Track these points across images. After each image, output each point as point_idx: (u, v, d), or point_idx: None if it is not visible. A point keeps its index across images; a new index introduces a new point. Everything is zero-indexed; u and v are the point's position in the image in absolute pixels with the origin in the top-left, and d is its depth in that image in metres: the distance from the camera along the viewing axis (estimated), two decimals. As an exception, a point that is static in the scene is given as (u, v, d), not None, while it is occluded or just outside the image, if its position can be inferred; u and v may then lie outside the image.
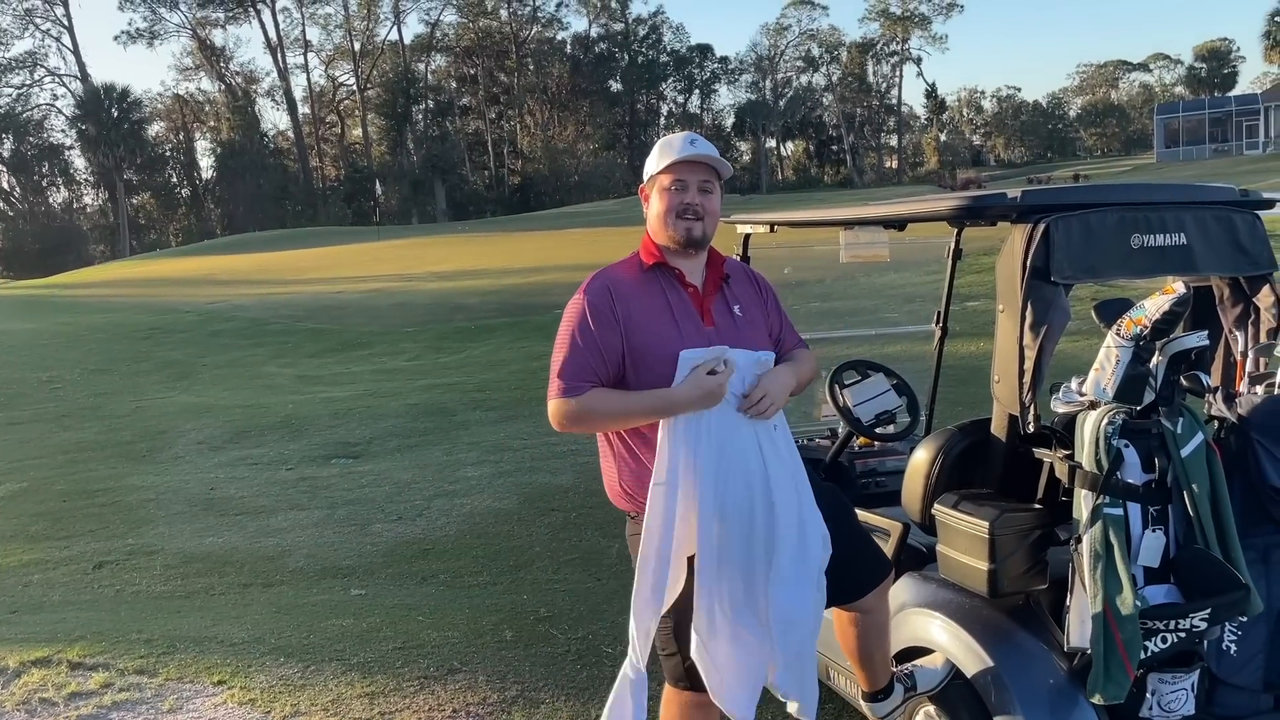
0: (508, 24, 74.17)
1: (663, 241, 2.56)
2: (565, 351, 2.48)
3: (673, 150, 2.53)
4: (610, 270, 2.57)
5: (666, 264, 2.56)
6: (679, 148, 2.53)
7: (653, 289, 2.53)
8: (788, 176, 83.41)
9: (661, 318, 2.49)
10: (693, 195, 2.52)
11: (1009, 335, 2.53)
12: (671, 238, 2.53)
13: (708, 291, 2.57)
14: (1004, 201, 2.57)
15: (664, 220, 2.53)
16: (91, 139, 63.31)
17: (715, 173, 2.55)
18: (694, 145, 2.52)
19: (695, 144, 2.53)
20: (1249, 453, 2.55)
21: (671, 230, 2.52)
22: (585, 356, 2.45)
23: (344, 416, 10.68)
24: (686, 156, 2.51)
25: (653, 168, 2.58)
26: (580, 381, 2.45)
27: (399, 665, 4.16)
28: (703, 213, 2.53)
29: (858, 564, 2.70)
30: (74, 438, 10.77)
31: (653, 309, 2.50)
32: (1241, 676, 2.55)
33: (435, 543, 6.34)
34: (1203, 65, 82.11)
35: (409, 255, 29.29)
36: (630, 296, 2.50)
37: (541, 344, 14.28)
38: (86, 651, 4.40)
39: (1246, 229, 2.73)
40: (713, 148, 2.57)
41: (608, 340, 2.45)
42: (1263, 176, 28.61)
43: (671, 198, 2.52)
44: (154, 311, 21.41)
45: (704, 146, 2.54)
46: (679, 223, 2.51)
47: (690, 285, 2.57)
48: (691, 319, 2.52)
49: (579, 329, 2.47)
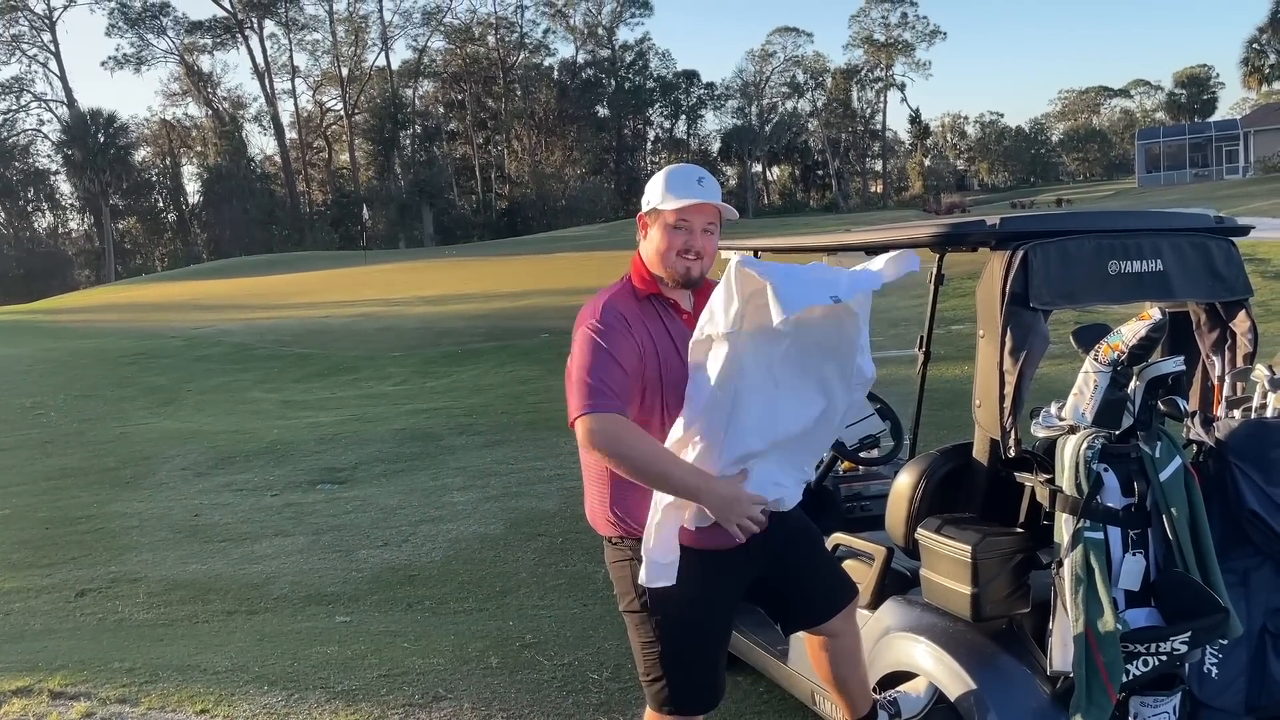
0: (495, 50, 74.53)
1: (658, 273, 2.57)
2: (589, 368, 2.39)
3: (680, 189, 2.51)
4: (611, 298, 2.54)
5: (661, 295, 2.57)
6: (687, 187, 2.51)
7: (652, 316, 2.54)
8: (774, 201, 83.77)
9: (665, 345, 2.51)
10: (696, 238, 2.52)
11: (989, 360, 2.56)
12: (669, 275, 2.54)
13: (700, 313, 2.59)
14: (983, 228, 2.60)
15: (663, 257, 2.53)
16: (77, 164, 63.15)
17: (719, 213, 2.56)
18: (702, 186, 2.52)
19: (704, 184, 2.53)
20: (1227, 476, 2.58)
21: (670, 269, 2.53)
22: (610, 369, 2.39)
23: (329, 442, 10.64)
24: (696, 201, 2.50)
25: (657, 200, 2.55)
26: (607, 393, 2.36)
27: (383, 693, 4.14)
28: (703, 254, 2.54)
29: (825, 587, 2.72)
30: (57, 464, 10.69)
31: (657, 335, 2.51)
32: (1223, 699, 2.57)
33: (421, 569, 6.32)
34: (1183, 91, 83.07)
35: (396, 280, 29.28)
36: (635, 323, 2.50)
37: (528, 368, 14.29)
38: (68, 680, 4.36)
39: (1222, 255, 2.77)
40: (717, 186, 2.58)
41: (628, 357, 2.42)
42: (1243, 201, 28.93)
43: (674, 237, 2.51)
44: (139, 337, 21.33)
45: (711, 187, 2.54)
46: (679, 261, 2.52)
47: (685, 312, 2.59)
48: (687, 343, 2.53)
49: (599, 348, 2.41)
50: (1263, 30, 52.86)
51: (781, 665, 3.45)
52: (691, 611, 2.55)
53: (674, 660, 2.55)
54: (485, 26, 74.27)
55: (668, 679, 2.55)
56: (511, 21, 75.01)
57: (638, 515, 2.52)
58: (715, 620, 2.62)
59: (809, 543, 2.73)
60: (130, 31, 68.28)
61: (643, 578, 2.38)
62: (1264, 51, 53.08)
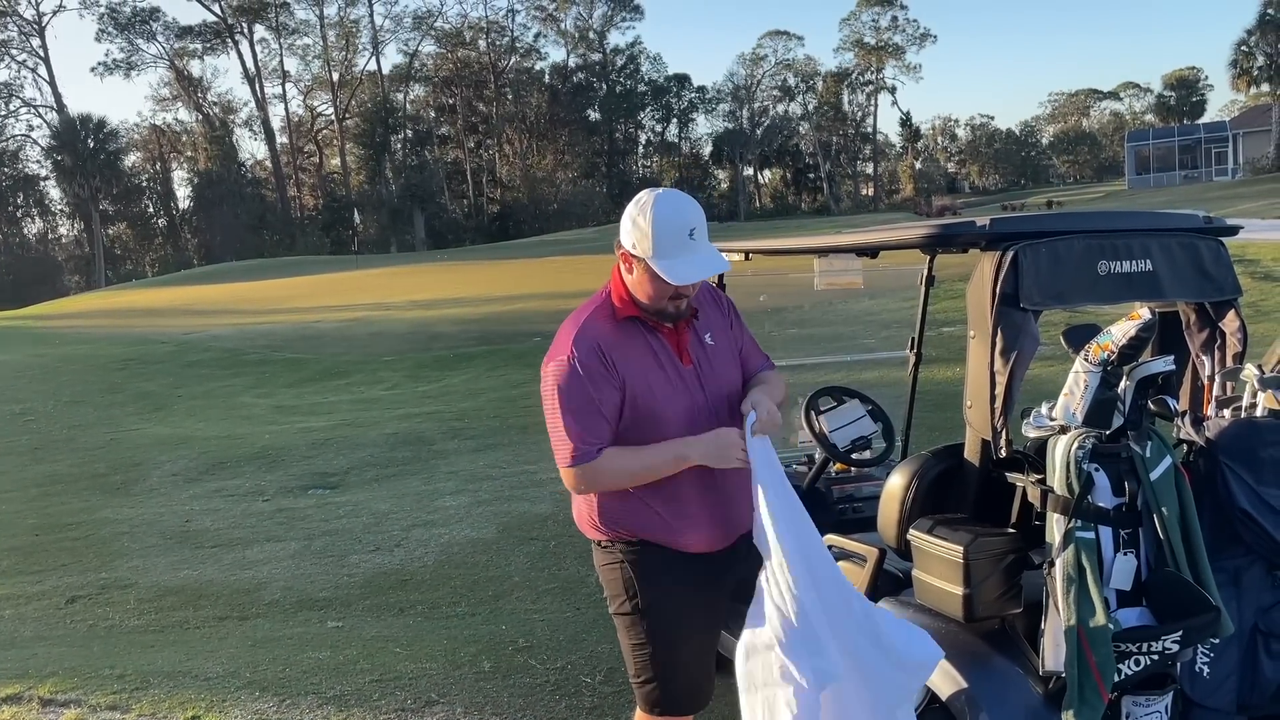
0: (486, 54, 74.53)
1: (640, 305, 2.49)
2: (568, 416, 2.40)
3: (672, 248, 2.36)
4: (587, 324, 2.47)
5: (640, 316, 2.52)
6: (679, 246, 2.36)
7: (633, 336, 2.50)
8: (765, 204, 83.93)
9: (648, 365, 2.48)
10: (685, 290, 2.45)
11: (980, 361, 2.56)
12: (655, 314, 2.48)
13: (681, 329, 2.55)
14: (973, 230, 2.61)
15: (651, 300, 2.45)
16: (67, 169, 62.92)
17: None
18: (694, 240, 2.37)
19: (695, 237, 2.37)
20: (1217, 476, 2.58)
21: (657, 311, 2.47)
22: (590, 419, 2.40)
23: (321, 447, 10.61)
24: (693, 281, 2.40)
25: (646, 252, 2.38)
26: (590, 445, 2.40)
27: (376, 698, 4.12)
28: (689, 298, 2.48)
29: None
30: (47, 470, 10.65)
31: (639, 358, 2.47)
32: (1215, 698, 2.57)
33: (413, 573, 6.30)
34: (1172, 93, 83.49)
35: (387, 284, 29.22)
36: (616, 348, 2.45)
37: (520, 372, 14.26)
38: (58, 687, 4.34)
39: (1211, 255, 2.77)
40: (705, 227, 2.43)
41: (607, 399, 2.42)
42: (1232, 203, 29.06)
43: (664, 288, 2.42)
44: (129, 342, 21.24)
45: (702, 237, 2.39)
46: (667, 305, 2.46)
47: (665, 327, 2.54)
48: (672, 361, 2.52)
49: (575, 392, 2.40)
50: (1251, 33, 53.04)
51: (774, 667, 3.44)
52: (680, 613, 2.55)
53: (664, 661, 2.55)
54: (476, 31, 74.32)
55: (658, 680, 2.55)
56: (502, 26, 75.15)
57: (624, 520, 2.53)
58: (704, 622, 2.62)
59: None
60: (120, 36, 68.15)
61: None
62: (1252, 54, 53.26)
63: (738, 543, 2.61)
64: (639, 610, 2.54)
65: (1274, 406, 2.63)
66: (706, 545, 2.55)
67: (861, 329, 14.32)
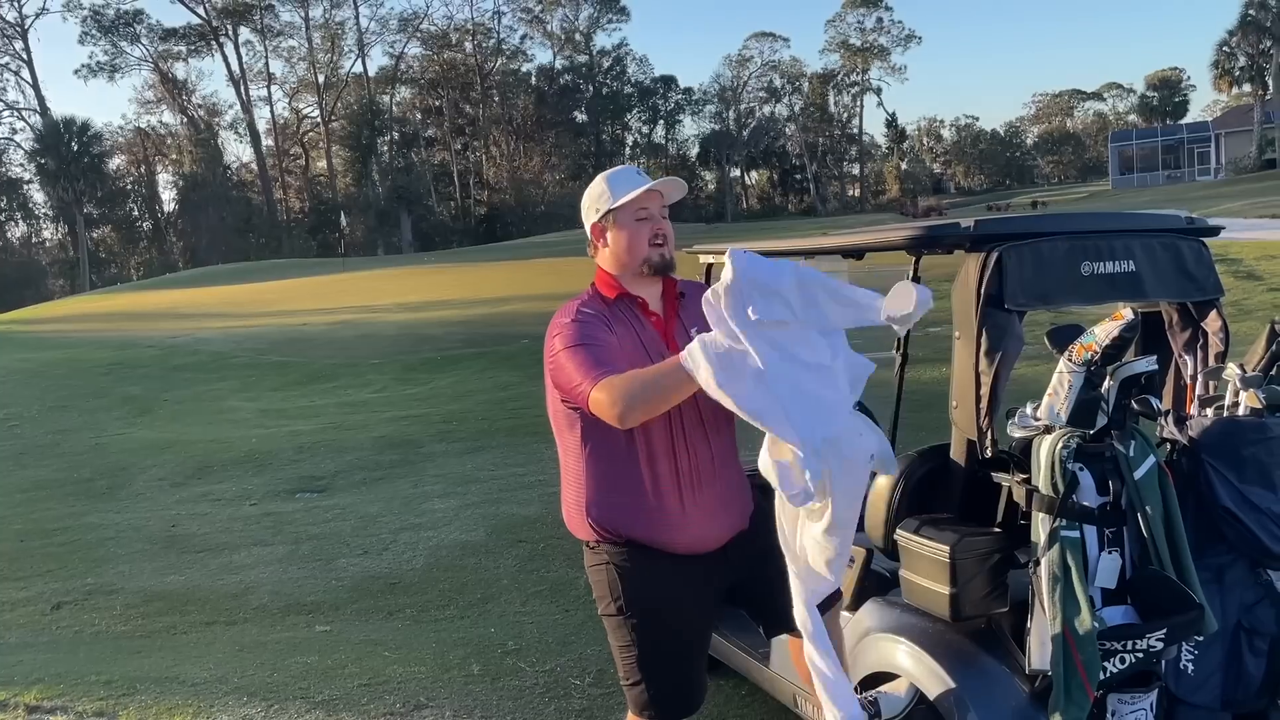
0: (472, 56, 74.42)
1: (630, 271, 2.58)
2: (580, 350, 2.38)
3: (626, 184, 2.58)
4: (581, 303, 2.57)
5: (629, 294, 2.59)
6: (631, 181, 2.59)
7: (622, 323, 2.54)
8: (752, 206, 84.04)
9: (636, 350, 2.51)
10: (660, 223, 2.58)
11: (965, 361, 2.58)
12: (645, 265, 2.57)
13: (668, 316, 2.62)
14: (958, 231, 2.62)
15: (634, 252, 2.56)
16: (51, 173, 62.50)
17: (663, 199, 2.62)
18: (643, 175, 2.61)
19: (642, 174, 2.61)
20: (1200, 474, 2.60)
21: (645, 259, 2.56)
22: (601, 351, 2.40)
23: (309, 450, 10.57)
24: (650, 186, 2.55)
25: (607, 203, 2.58)
26: (607, 366, 2.35)
27: (364, 702, 4.12)
28: (668, 236, 2.59)
29: None
30: (31, 476, 10.58)
31: (628, 343, 2.51)
32: (1200, 695, 2.59)
33: (401, 577, 6.29)
34: (1155, 94, 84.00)
35: (375, 287, 29.15)
36: (609, 322, 2.52)
37: (508, 374, 14.24)
38: (44, 694, 4.31)
39: (1193, 255, 2.80)
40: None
41: (608, 340, 2.46)
42: (1215, 202, 29.25)
43: (640, 228, 2.56)
44: (114, 346, 21.11)
45: (649, 177, 2.61)
46: (651, 250, 2.56)
47: (653, 314, 2.61)
48: (658, 349, 2.54)
49: (585, 333, 2.43)
50: (1233, 33, 53.42)
51: (764, 668, 3.45)
52: (669, 615, 2.55)
53: (652, 664, 2.55)
54: (462, 33, 74.20)
55: (646, 682, 2.55)
56: (488, 28, 75.00)
57: (611, 521, 2.53)
58: (693, 624, 2.62)
59: None
60: (103, 39, 67.75)
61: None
62: (1234, 54, 53.65)
63: (728, 545, 2.61)
64: (625, 611, 2.54)
65: (1256, 405, 2.65)
66: (694, 547, 2.55)
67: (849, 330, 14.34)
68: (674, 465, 2.51)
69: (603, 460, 2.51)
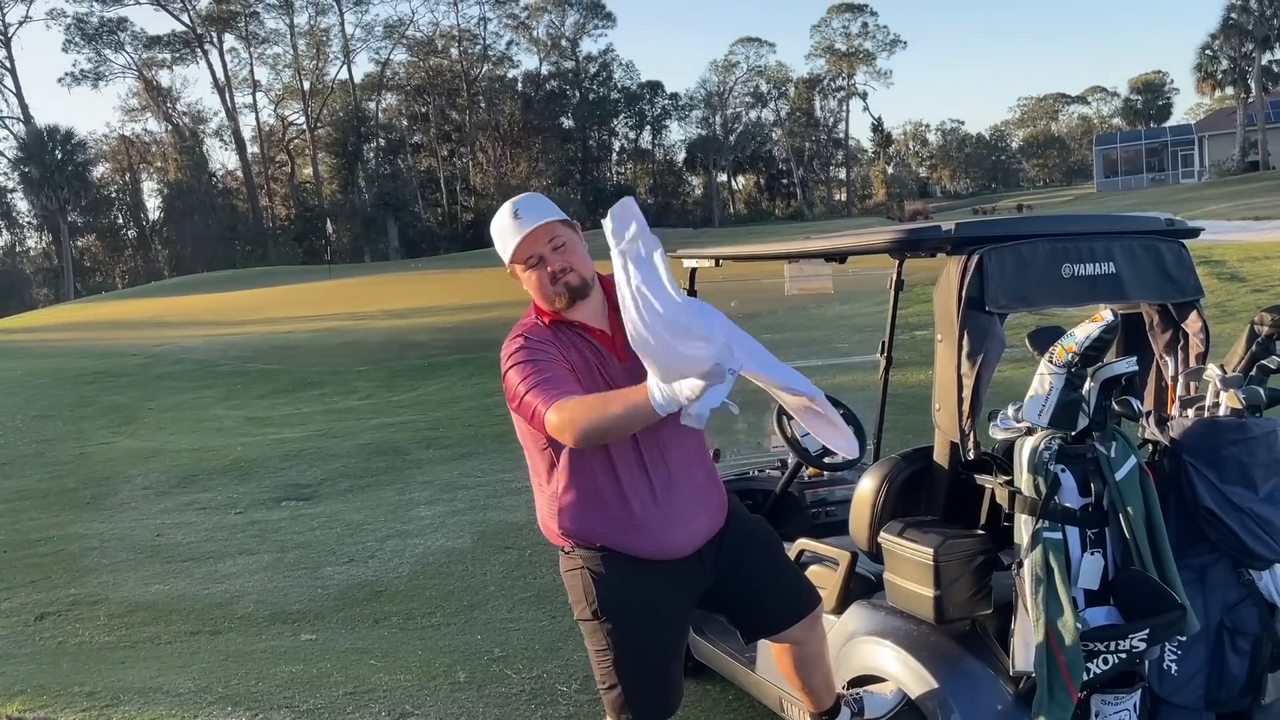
0: (458, 62, 74.33)
1: (553, 307, 2.53)
2: (531, 369, 2.38)
3: (507, 236, 2.50)
4: (528, 326, 2.54)
5: (565, 320, 2.53)
6: (510, 229, 2.50)
7: (566, 345, 2.50)
8: (739, 210, 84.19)
9: (587, 371, 2.48)
10: (552, 261, 2.48)
11: (948, 364, 2.58)
12: (559, 303, 2.51)
13: (614, 327, 2.53)
14: (939, 234, 2.63)
15: (543, 295, 2.51)
16: (35, 181, 62.11)
17: (554, 224, 2.49)
18: (519, 218, 2.49)
19: (520, 215, 2.49)
20: (1182, 475, 2.62)
21: (555, 299, 2.50)
22: (553, 369, 2.39)
23: (294, 458, 10.53)
24: (523, 235, 2.47)
25: (504, 256, 2.54)
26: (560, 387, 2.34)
27: (350, 711, 4.09)
28: (569, 267, 2.49)
29: (783, 596, 2.72)
30: (15, 486, 10.50)
31: (579, 364, 2.48)
32: (1183, 695, 2.60)
33: (388, 584, 6.26)
34: (1138, 97, 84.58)
35: (361, 293, 29.09)
36: (557, 343, 2.49)
37: (495, 380, 14.12)
38: (27, 706, 4.27)
39: (1173, 257, 2.81)
40: (538, 205, 2.53)
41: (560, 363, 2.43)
42: (1199, 204, 29.44)
43: (537, 274, 2.49)
44: (99, 355, 21.00)
45: (529, 213, 2.49)
46: (555, 289, 2.49)
47: (597, 330, 2.54)
48: (608, 362, 2.52)
49: (535, 353, 2.42)
50: (1215, 37, 53.76)
51: (749, 672, 3.45)
52: (643, 619, 2.55)
53: (628, 667, 2.55)
54: (448, 39, 74.08)
55: (622, 686, 2.55)
56: (474, 34, 74.86)
57: (582, 527, 2.52)
58: (668, 627, 2.62)
59: (764, 551, 2.72)
60: (87, 47, 67.31)
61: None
62: (1217, 57, 54.00)
63: (703, 549, 2.61)
64: (600, 616, 2.54)
65: (1236, 406, 2.66)
66: (667, 553, 2.54)
67: (835, 333, 14.39)
68: (643, 474, 2.49)
69: (570, 472, 2.50)
